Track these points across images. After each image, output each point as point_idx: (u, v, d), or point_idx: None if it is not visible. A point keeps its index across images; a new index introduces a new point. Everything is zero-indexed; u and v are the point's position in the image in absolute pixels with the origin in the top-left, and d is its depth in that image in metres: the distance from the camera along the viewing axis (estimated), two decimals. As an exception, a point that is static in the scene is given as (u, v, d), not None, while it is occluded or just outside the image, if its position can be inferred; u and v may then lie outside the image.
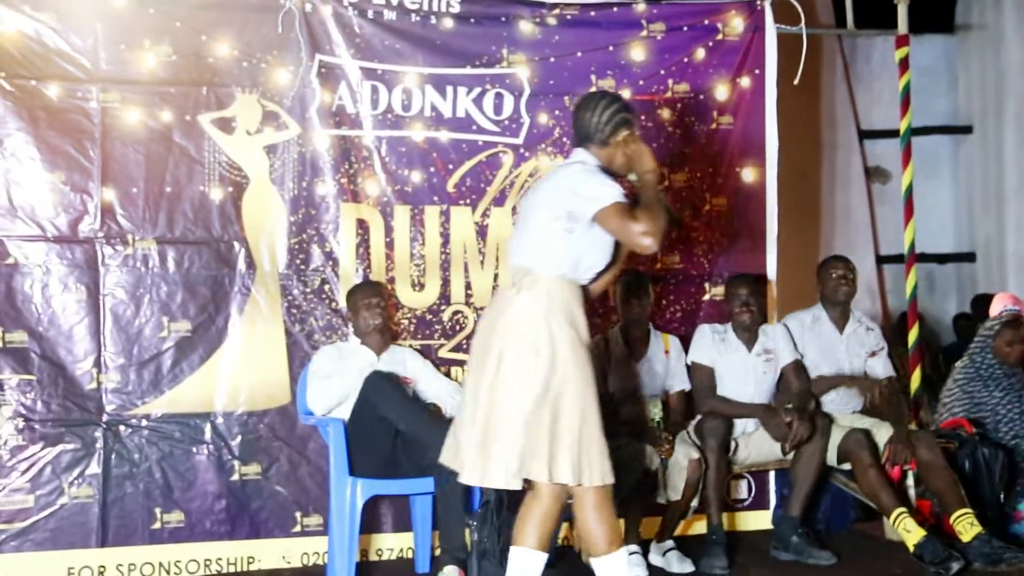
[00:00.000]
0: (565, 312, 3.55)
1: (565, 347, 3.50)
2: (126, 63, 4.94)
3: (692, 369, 5.18)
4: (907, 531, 4.77)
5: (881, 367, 5.38)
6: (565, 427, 3.46)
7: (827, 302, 5.38)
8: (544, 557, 3.58)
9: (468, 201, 5.38)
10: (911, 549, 4.73)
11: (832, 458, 5.07)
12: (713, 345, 5.17)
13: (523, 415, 3.46)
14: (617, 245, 3.69)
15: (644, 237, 3.47)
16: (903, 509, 4.83)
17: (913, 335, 6.11)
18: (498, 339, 3.55)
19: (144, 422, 4.90)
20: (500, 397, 3.50)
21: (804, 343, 5.30)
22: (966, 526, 4.78)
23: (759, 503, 5.65)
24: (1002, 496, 5.52)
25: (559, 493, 3.57)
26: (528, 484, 3.56)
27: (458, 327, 5.33)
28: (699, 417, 5.14)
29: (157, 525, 4.88)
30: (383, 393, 4.54)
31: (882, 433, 5.07)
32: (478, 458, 3.52)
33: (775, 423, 4.94)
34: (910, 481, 5.30)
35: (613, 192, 3.53)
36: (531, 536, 3.56)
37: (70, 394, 4.83)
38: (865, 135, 8.42)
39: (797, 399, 5.06)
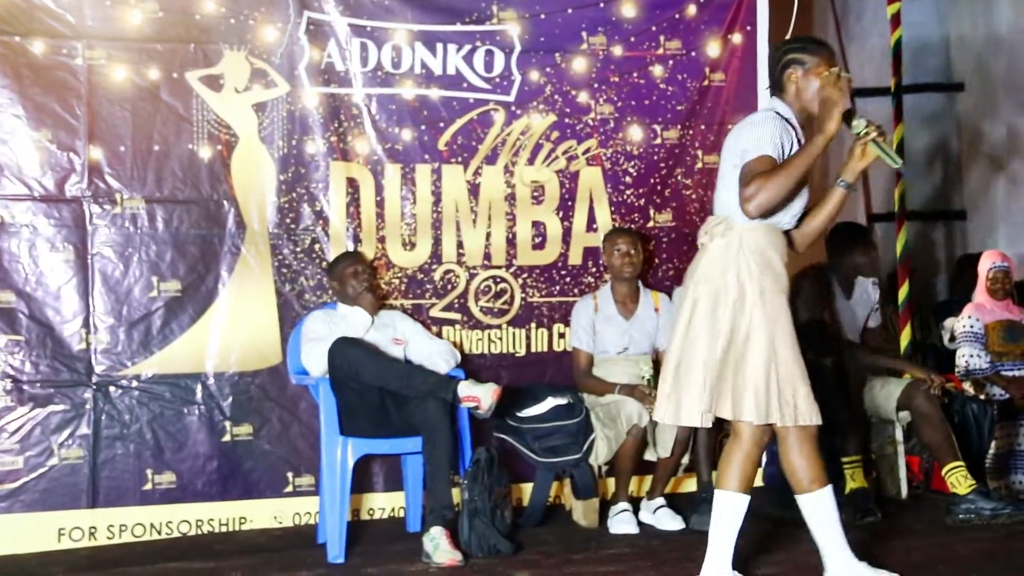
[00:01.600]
0: (757, 257, 3.57)
1: (754, 292, 3.54)
2: (112, 19, 4.88)
3: None
4: (852, 479, 4.93)
5: (873, 320, 5.46)
6: (751, 368, 3.51)
7: (835, 265, 5.35)
8: (746, 499, 3.61)
9: (460, 159, 5.34)
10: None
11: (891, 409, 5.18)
12: None
13: (713, 357, 3.53)
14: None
15: (745, 203, 3.49)
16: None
17: (903, 293, 6.13)
18: (692, 286, 3.64)
19: (134, 383, 4.88)
20: (690, 341, 3.58)
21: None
22: (960, 479, 4.84)
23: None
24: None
25: (757, 435, 3.59)
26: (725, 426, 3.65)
27: (450, 286, 5.32)
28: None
29: (148, 486, 4.87)
30: (358, 363, 4.49)
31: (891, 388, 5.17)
32: (670, 398, 3.60)
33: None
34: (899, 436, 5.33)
35: (758, 146, 3.53)
36: (733, 479, 3.60)
37: (59, 355, 4.80)
38: (857, 93, 8.37)
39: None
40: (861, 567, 3.64)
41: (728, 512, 3.60)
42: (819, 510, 3.62)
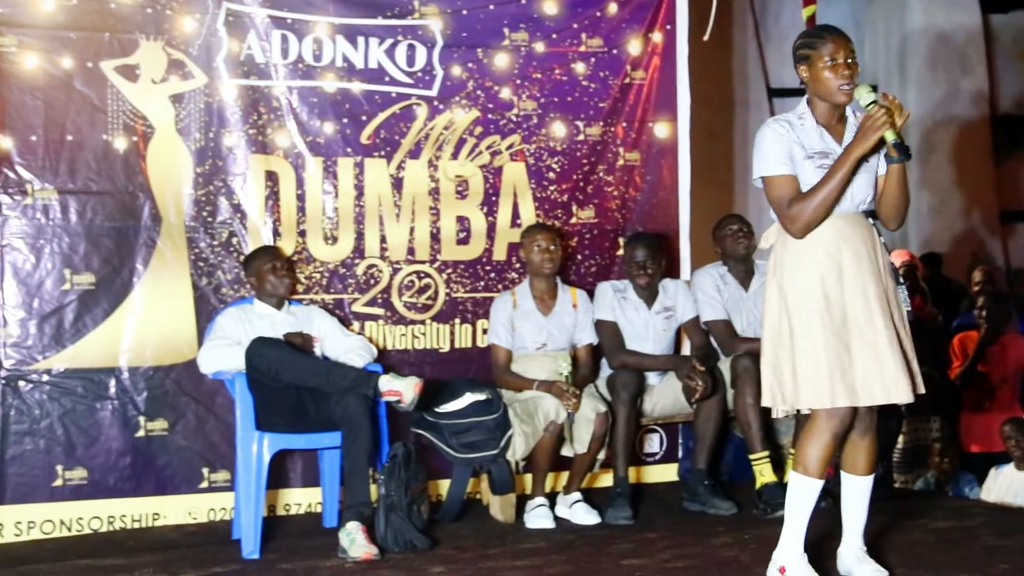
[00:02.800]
0: (796, 249, 3.59)
1: (786, 282, 3.59)
2: (23, 6, 4.78)
3: (598, 326, 5.22)
4: (760, 474, 4.96)
5: None
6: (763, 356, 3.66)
7: (729, 259, 5.39)
8: (819, 484, 3.62)
9: (382, 153, 5.33)
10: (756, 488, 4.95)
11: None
12: (615, 301, 5.22)
13: (764, 346, 3.66)
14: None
15: (790, 227, 3.55)
16: (767, 453, 4.98)
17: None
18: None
19: (45, 377, 4.79)
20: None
21: (723, 298, 5.32)
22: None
23: (670, 456, 5.74)
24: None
25: (820, 419, 3.58)
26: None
27: (372, 281, 5.30)
28: (607, 371, 5.20)
29: (58, 482, 4.79)
30: (277, 363, 4.45)
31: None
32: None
33: (681, 372, 5.00)
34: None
35: (763, 168, 3.61)
36: (805, 463, 3.61)
37: (-33, 349, 4.70)
38: (774, 93, 8.53)
39: (698, 354, 5.14)
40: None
41: (803, 497, 3.65)
42: (790, 493, 3.69)
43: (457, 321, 5.44)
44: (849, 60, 3.57)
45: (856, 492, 3.74)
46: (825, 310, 3.53)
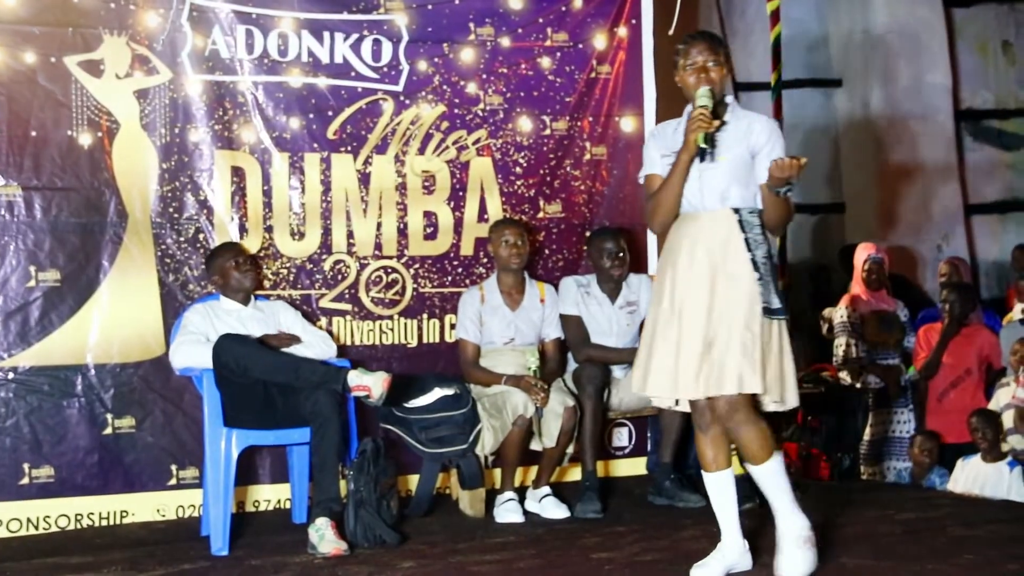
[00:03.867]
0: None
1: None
2: (-15, 1, 4.74)
3: (563, 320, 5.24)
4: None
5: None
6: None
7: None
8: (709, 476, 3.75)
9: (349, 148, 5.32)
10: None
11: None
12: (578, 296, 5.24)
13: None
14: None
15: (647, 221, 3.86)
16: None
17: (782, 284, 6.29)
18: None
19: (11, 375, 4.77)
20: None
21: None
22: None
23: (638, 450, 5.76)
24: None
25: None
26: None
27: (340, 276, 5.29)
28: (574, 366, 5.22)
29: (25, 480, 4.76)
30: (246, 359, 4.44)
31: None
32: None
33: None
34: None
35: (643, 169, 3.86)
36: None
37: (-69, 346, 4.66)
38: (740, 87, 8.57)
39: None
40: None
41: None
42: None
43: (425, 316, 5.44)
44: (709, 63, 3.72)
45: (713, 489, 3.78)
46: (666, 308, 3.69)
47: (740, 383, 3.58)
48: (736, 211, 3.68)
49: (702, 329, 3.62)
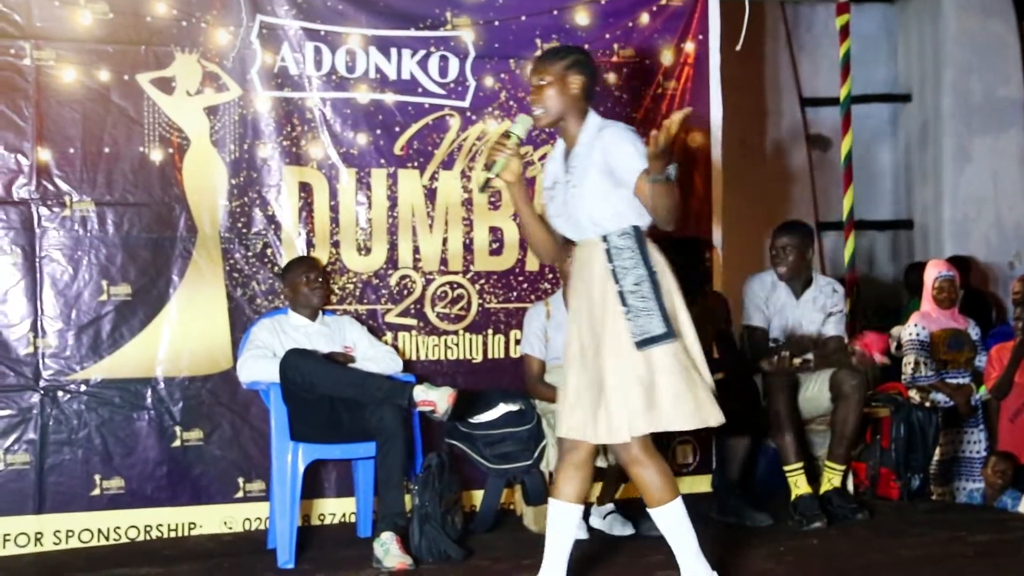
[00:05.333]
0: None
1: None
2: (61, 20, 4.83)
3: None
4: (795, 486, 4.94)
5: (832, 327, 5.32)
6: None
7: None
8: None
9: (416, 164, 5.34)
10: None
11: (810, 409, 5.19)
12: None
13: None
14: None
15: None
16: (802, 464, 4.96)
17: (851, 300, 6.22)
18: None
19: (83, 387, 4.84)
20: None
21: (768, 304, 5.29)
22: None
23: (704, 467, 5.70)
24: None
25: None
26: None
27: (405, 292, 5.31)
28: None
29: (96, 491, 4.83)
30: (312, 375, 4.47)
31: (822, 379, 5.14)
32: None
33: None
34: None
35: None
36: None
37: (6, 359, 4.75)
38: (807, 103, 8.49)
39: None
40: None
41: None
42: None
43: (490, 331, 5.44)
44: (538, 82, 3.62)
45: (550, 516, 3.71)
46: (571, 339, 3.64)
47: (628, 430, 3.48)
48: (604, 239, 3.55)
49: (579, 370, 3.57)
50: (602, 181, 3.55)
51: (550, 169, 3.75)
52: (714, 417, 3.56)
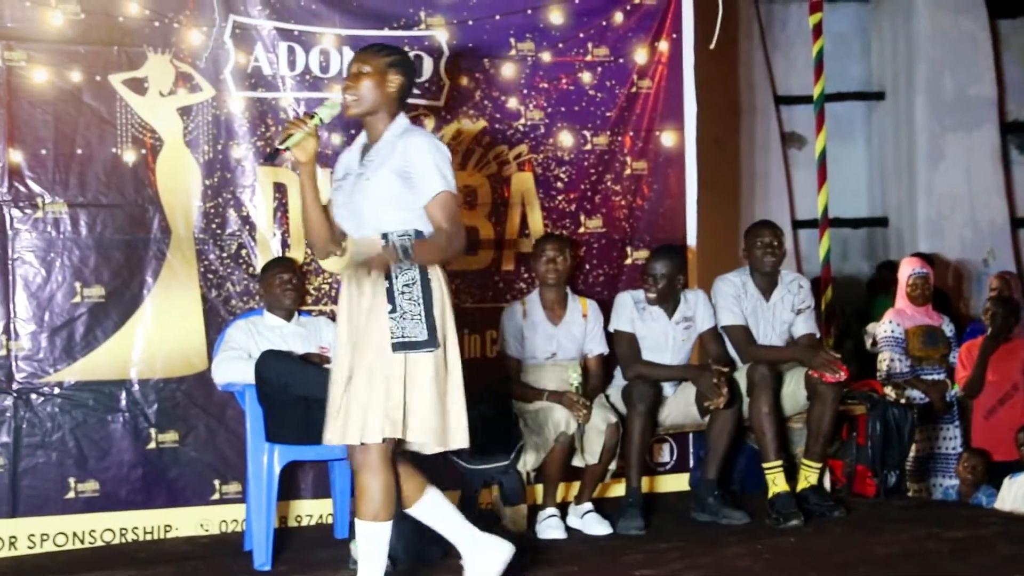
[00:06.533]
0: None
1: None
2: (32, 21, 4.80)
3: (615, 337, 5.20)
4: (773, 483, 4.95)
5: (802, 324, 5.34)
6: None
7: (753, 269, 5.36)
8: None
9: (389, 164, 5.33)
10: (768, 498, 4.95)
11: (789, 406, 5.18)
12: (634, 312, 5.20)
13: None
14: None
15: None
16: (781, 462, 4.98)
17: (826, 298, 6.24)
18: None
19: (57, 390, 4.81)
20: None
21: (740, 306, 5.29)
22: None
23: (680, 466, 5.72)
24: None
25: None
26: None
27: (379, 292, 5.30)
28: (620, 382, 5.19)
29: (71, 495, 4.80)
30: (288, 376, 4.45)
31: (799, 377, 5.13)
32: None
33: (705, 379, 4.95)
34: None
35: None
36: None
37: (-22, 362, 4.72)
38: (781, 100, 8.53)
39: (717, 363, 5.13)
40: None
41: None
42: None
43: (465, 331, 5.43)
44: (357, 70, 3.61)
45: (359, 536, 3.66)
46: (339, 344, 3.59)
47: (362, 433, 3.44)
48: (384, 236, 3.54)
49: (343, 369, 3.52)
50: (394, 181, 3.53)
51: (344, 160, 3.74)
52: (458, 441, 3.57)
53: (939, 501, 6.10)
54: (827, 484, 5.44)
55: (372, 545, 3.57)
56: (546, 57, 5.56)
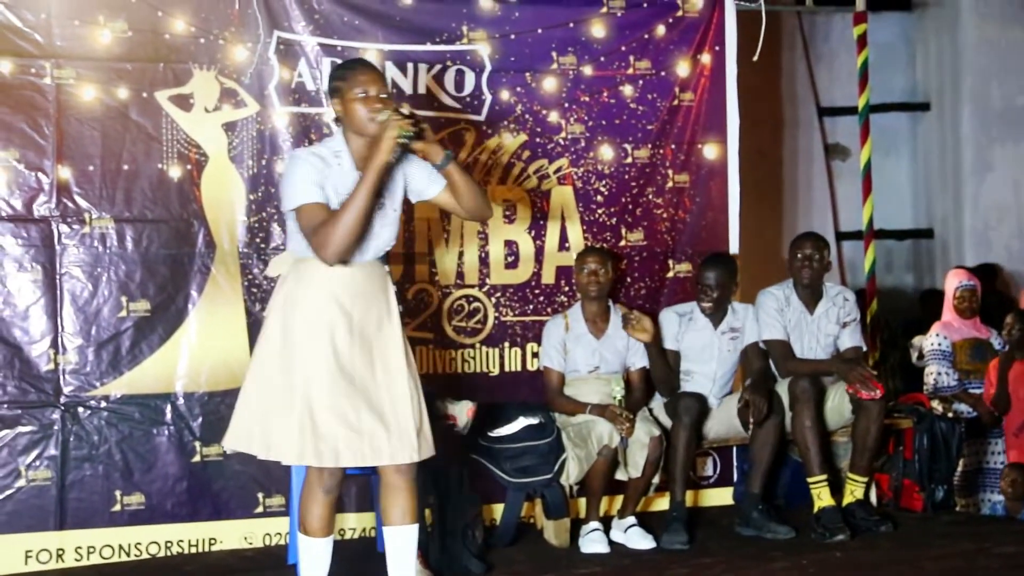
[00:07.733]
0: (311, 291, 3.65)
1: (296, 323, 3.64)
2: (80, 39, 4.86)
3: (668, 353, 5.20)
4: (819, 498, 4.91)
5: (848, 337, 5.32)
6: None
7: (795, 282, 5.34)
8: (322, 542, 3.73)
9: (431, 179, 5.34)
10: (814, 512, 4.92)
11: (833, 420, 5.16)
12: (678, 327, 5.19)
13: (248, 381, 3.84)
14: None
15: (321, 253, 3.51)
16: (825, 476, 4.93)
17: (872, 310, 6.18)
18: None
19: (103, 404, 4.85)
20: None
21: (783, 319, 5.27)
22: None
23: (724, 480, 5.69)
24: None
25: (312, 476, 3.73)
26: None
27: (422, 306, 5.32)
28: (661, 396, 5.18)
29: (117, 507, 4.84)
30: None
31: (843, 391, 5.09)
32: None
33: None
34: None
35: (292, 199, 3.58)
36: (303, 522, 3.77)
37: (26, 376, 4.77)
38: (824, 112, 8.48)
39: (755, 378, 5.10)
40: None
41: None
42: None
43: (506, 344, 5.44)
44: (383, 95, 3.60)
45: (392, 544, 3.69)
46: (334, 364, 3.51)
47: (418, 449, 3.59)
48: (384, 262, 3.67)
49: (370, 393, 3.55)
50: (393, 207, 3.71)
51: (344, 181, 3.59)
52: (287, 455, 3.60)
53: (988, 516, 6.00)
54: (873, 498, 5.39)
55: (412, 546, 3.70)
56: (588, 70, 5.56)
